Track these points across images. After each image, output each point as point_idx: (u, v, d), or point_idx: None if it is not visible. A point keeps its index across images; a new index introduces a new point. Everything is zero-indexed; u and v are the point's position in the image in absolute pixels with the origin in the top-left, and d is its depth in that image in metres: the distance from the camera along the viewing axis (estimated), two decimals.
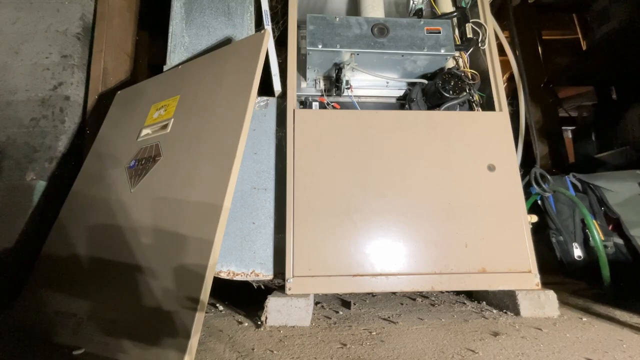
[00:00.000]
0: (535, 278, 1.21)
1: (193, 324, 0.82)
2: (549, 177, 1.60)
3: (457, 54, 1.51)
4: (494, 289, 1.23)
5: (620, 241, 1.47)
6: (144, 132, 1.33)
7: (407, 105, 1.48)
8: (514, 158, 1.34)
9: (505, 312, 1.21)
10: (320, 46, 1.36)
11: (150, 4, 1.96)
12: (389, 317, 1.19)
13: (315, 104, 1.44)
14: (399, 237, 1.22)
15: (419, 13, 1.57)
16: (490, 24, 1.51)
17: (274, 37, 1.48)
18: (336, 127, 1.31)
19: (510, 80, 2.25)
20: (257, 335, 1.03)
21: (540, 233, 1.80)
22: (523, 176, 1.32)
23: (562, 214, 1.64)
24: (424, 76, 1.49)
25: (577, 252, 1.56)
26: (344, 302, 1.36)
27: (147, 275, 0.96)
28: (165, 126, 1.28)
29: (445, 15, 1.53)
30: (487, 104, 1.42)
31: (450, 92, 1.40)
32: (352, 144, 1.29)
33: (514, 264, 1.22)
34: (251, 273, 1.23)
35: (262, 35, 1.25)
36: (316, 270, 1.17)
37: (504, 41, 1.64)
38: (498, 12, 2.15)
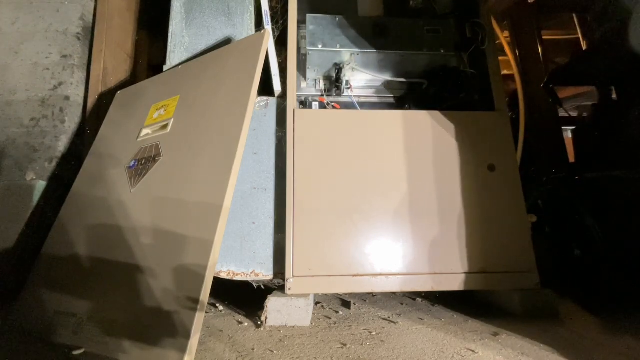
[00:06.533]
0: (535, 278, 1.21)
1: (193, 324, 0.82)
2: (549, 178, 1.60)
3: (456, 54, 1.51)
4: (494, 289, 1.23)
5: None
6: (144, 132, 1.33)
7: (406, 105, 1.48)
8: (514, 158, 1.34)
9: (505, 312, 1.21)
10: (320, 46, 1.36)
11: (150, 4, 1.95)
12: (389, 317, 1.19)
13: (315, 104, 1.44)
14: (399, 237, 1.22)
15: (418, 13, 1.57)
16: (490, 24, 1.51)
17: (274, 37, 1.48)
18: (336, 127, 1.31)
19: (511, 80, 2.25)
20: (257, 335, 1.03)
21: (539, 233, 1.80)
22: (523, 176, 1.32)
23: (562, 214, 1.64)
24: (424, 76, 1.49)
25: (577, 251, 1.56)
26: (344, 302, 1.36)
27: (147, 275, 0.96)
28: (165, 126, 1.28)
29: (445, 15, 1.52)
30: (487, 104, 1.42)
31: (450, 92, 1.40)
32: (352, 143, 1.29)
33: (514, 264, 1.22)
34: (251, 273, 1.23)
35: (262, 35, 1.25)
36: (316, 270, 1.17)
37: (504, 41, 1.64)
38: (498, 12, 2.15)
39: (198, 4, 1.55)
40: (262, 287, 1.28)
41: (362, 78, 1.49)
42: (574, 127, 2.02)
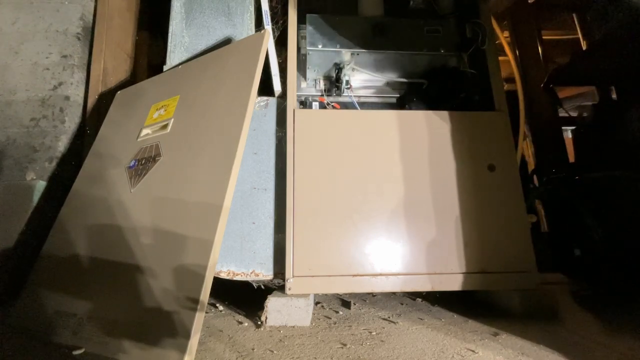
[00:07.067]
0: (535, 278, 1.21)
1: (193, 324, 0.82)
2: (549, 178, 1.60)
3: (456, 54, 1.51)
4: (494, 289, 1.23)
5: None
6: (144, 132, 1.33)
7: (407, 105, 1.48)
8: (514, 158, 1.34)
9: (505, 312, 1.21)
10: (320, 46, 1.36)
11: (150, 4, 1.95)
12: (389, 317, 1.19)
13: (315, 104, 1.44)
14: (399, 237, 1.22)
15: (419, 13, 1.57)
16: (490, 24, 1.51)
17: (274, 37, 1.48)
18: (336, 127, 1.31)
19: (510, 80, 2.25)
20: (257, 335, 1.03)
21: (539, 232, 1.80)
22: (524, 176, 1.32)
23: (562, 213, 1.64)
24: (424, 76, 1.49)
25: (577, 251, 1.56)
26: (344, 302, 1.36)
27: (147, 275, 0.96)
28: (165, 126, 1.28)
29: (445, 15, 1.52)
30: (487, 104, 1.42)
31: (450, 92, 1.40)
32: (352, 143, 1.29)
33: (513, 264, 1.22)
34: (251, 273, 1.23)
35: (262, 35, 1.25)
36: (316, 270, 1.17)
37: (504, 41, 1.64)
38: (498, 12, 2.15)
39: (198, 4, 1.55)
40: (262, 287, 1.28)
41: (362, 78, 1.49)
42: (574, 127, 2.02)
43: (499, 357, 0.88)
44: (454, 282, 1.19)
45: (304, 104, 1.46)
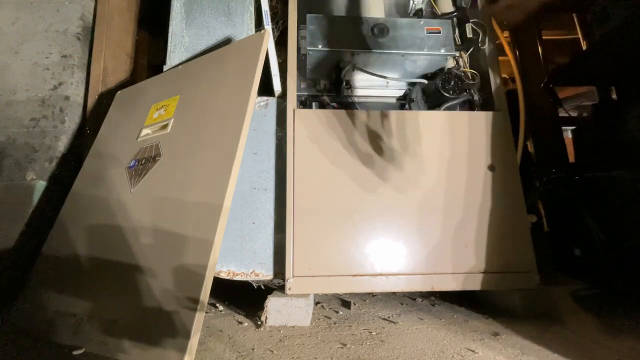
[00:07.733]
0: (535, 278, 1.21)
1: (193, 324, 0.82)
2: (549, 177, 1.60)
3: (457, 54, 1.51)
4: (493, 289, 1.23)
5: None
6: (144, 132, 1.33)
7: (407, 105, 1.48)
8: (514, 158, 1.34)
9: (505, 312, 1.21)
10: (320, 46, 1.36)
11: (150, 4, 1.95)
12: (389, 317, 1.19)
13: (315, 104, 1.44)
14: (399, 237, 1.22)
15: (419, 13, 1.57)
16: (490, 24, 1.51)
17: (274, 37, 1.48)
18: (336, 127, 1.31)
19: (510, 80, 2.25)
20: (257, 335, 1.03)
21: (539, 232, 1.80)
22: (524, 176, 1.32)
23: (562, 213, 1.64)
24: (424, 76, 1.49)
25: (577, 251, 1.56)
26: (344, 302, 1.36)
27: (147, 275, 0.96)
28: (165, 126, 1.28)
29: (445, 15, 1.52)
30: (487, 104, 1.42)
31: (451, 92, 1.40)
32: (352, 144, 1.29)
33: (514, 264, 1.22)
34: (251, 273, 1.23)
35: (262, 35, 1.25)
36: (316, 270, 1.17)
37: (504, 41, 1.64)
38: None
39: (198, 4, 1.55)
40: (262, 287, 1.28)
41: (362, 78, 1.49)
42: (574, 127, 2.02)
43: (499, 357, 0.88)
44: (454, 282, 1.19)
45: (304, 104, 1.46)
